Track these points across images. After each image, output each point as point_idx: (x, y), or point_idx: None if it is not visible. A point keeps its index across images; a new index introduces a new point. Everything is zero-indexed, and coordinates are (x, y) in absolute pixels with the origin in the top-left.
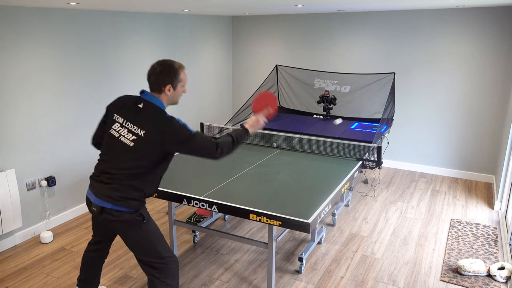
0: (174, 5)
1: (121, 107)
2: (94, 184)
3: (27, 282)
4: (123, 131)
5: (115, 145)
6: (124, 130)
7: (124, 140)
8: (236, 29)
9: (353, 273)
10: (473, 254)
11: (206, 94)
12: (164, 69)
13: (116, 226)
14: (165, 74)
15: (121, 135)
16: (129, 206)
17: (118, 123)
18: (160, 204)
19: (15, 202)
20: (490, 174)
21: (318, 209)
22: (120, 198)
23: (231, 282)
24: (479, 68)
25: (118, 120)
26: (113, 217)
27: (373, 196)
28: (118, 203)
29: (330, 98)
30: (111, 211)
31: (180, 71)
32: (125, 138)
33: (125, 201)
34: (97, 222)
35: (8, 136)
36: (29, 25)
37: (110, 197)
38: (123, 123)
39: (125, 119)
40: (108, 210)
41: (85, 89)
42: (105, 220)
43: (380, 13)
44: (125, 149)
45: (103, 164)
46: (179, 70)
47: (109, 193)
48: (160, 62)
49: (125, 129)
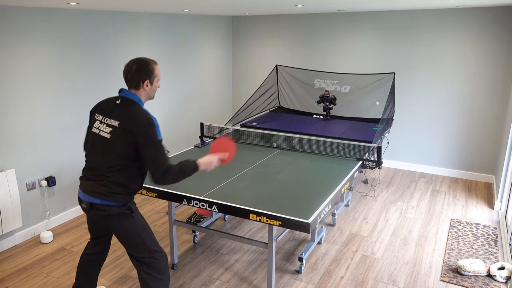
0: (174, 5)
1: (101, 106)
2: (82, 182)
3: (27, 282)
4: (102, 126)
5: (96, 140)
6: (103, 125)
7: (103, 134)
8: (236, 29)
9: (353, 273)
10: (473, 254)
11: (206, 94)
12: (141, 66)
13: (106, 220)
14: (142, 71)
15: (101, 130)
16: (116, 200)
17: (98, 121)
18: (160, 204)
19: (15, 202)
20: (490, 174)
21: (318, 209)
22: (107, 193)
23: (231, 282)
24: (479, 68)
25: (98, 118)
26: (102, 212)
27: (373, 196)
28: (106, 198)
29: (330, 98)
30: (99, 206)
31: (155, 67)
32: (104, 132)
33: (112, 196)
34: (91, 220)
35: (8, 136)
36: (29, 24)
37: (97, 193)
38: (102, 120)
39: (104, 116)
40: (97, 205)
41: (85, 88)
42: (95, 215)
43: (380, 13)
44: (104, 143)
45: (89, 161)
46: (154, 66)
47: (96, 188)
48: (135, 60)
49: (104, 124)
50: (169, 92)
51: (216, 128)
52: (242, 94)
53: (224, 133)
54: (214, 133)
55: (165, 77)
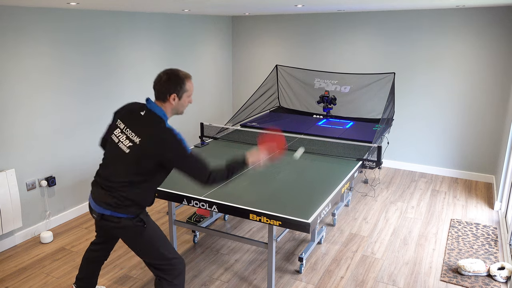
0: (174, 5)
1: (126, 113)
2: (94, 190)
3: (27, 282)
4: (122, 137)
5: (113, 151)
6: (123, 136)
7: (121, 147)
8: (236, 29)
9: (353, 273)
10: (473, 254)
11: (206, 94)
12: (170, 78)
13: (117, 232)
14: (170, 83)
15: (120, 141)
16: (127, 212)
17: (119, 129)
18: (160, 204)
19: (15, 202)
20: (490, 174)
21: (318, 209)
22: (118, 205)
23: (231, 282)
24: (479, 68)
25: (119, 126)
26: (113, 223)
27: (373, 196)
28: (116, 210)
29: (330, 98)
30: (110, 218)
31: (186, 81)
32: (123, 145)
33: (123, 208)
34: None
35: (8, 136)
36: (29, 24)
37: (108, 204)
38: (124, 129)
39: (126, 126)
40: (107, 216)
41: (85, 88)
42: (106, 226)
43: (380, 13)
44: (121, 156)
45: (103, 169)
46: (185, 80)
47: (107, 200)
48: (167, 71)
49: (124, 135)
50: None
51: (216, 128)
52: (242, 94)
53: (222, 133)
54: (214, 133)
55: None
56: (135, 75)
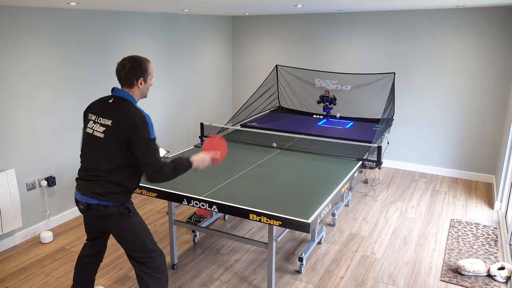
0: (174, 5)
1: (94, 106)
2: (79, 183)
3: (27, 282)
4: (95, 126)
5: (90, 141)
6: (96, 125)
7: (96, 134)
8: (236, 29)
9: (353, 273)
10: (473, 254)
11: (206, 94)
12: (135, 64)
13: (104, 221)
14: (136, 69)
15: (94, 130)
16: (113, 200)
17: (92, 121)
18: (160, 204)
19: (15, 202)
20: (490, 174)
21: (318, 209)
22: (104, 193)
23: (231, 282)
24: (479, 68)
25: (91, 118)
26: (99, 212)
27: (373, 196)
28: (103, 198)
29: (330, 98)
30: (97, 207)
31: (149, 64)
32: (97, 132)
33: (109, 196)
34: (88, 221)
35: (8, 136)
36: (29, 24)
37: (95, 193)
38: (95, 120)
39: (97, 115)
40: (94, 205)
41: (85, 88)
42: (93, 216)
43: (380, 13)
44: (98, 142)
45: (84, 162)
46: (147, 64)
47: (93, 189)
48: (128, 58)
49: (97, 124)
50: (169, 92)
51: (216, 128)
52: (242, 94)
53: (222, 133)
54: (214, 133)
55: (165, 77)
56: None
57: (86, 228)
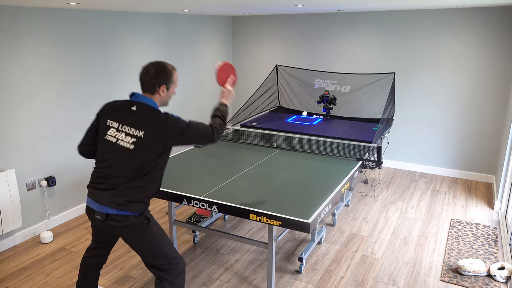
0: (174, 5)
1: (114, 112)
2: (95, 192)
3: (27, 282)
4: (120, 135)
5: (113, 150)
6: (121, 134)
7: (123, 144)
8: (236, 29)
9: (353, 273)
10: (473, 254)
11: (206, 94)
12: (159, 70)
13: (123, 232)
14: (160, 75)
15: (119, 139)
16: (134, 210)
17: (114, 128)
18: (160, 204)
19: (15, 202)
20: (490, 174)
21: (318, 209)
22: (124, 203)
23: (231, 282)
24: (479, 68)
25: (113, 126)
26: (118, 223)
27: (373, 196)
28: (123, 208)
29: (330, 98)
30: (116, 217)
31: (173, 72)
32: (124, 142)
33: (129, 205)
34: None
35: (8, 136)
36: (29, 24)
37: (114, 203)
38: (119, 128)
39: (120, 123)
40: (113, 216)
41: (85, 88)
42: (111, 227)
43: (380, 13)
44: (126, 153)
45: (104, 170)
46: (173, 72)
47: (113, 199)
48: (154, 63)
49: (122, 133)
50: None
51: None
52: (242, 94)
53: (227, 132)
54: None
55: None
56: (135, 75)
57: (94, 233)
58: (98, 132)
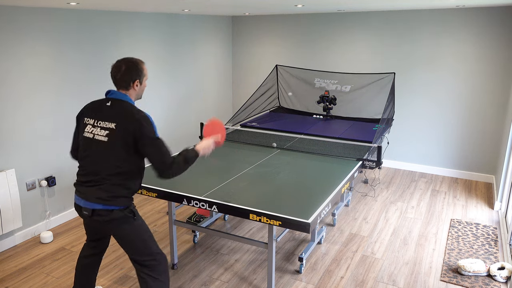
0: (174, 5)
1: (90, 111)
2: (81, 189)
3: (27, 282)
4: (96, 130)
5: (91, 145)
6: (96, 129)
7: (99, 138)
8: (236, 29)
9: (353, 273)
10: (473, 254)
11: (206, 94)
12: (130, 66)
13: (108, 226)
14: (131, 71)
15: (95, 134)
16: (118, 204)
17: (90, 125)
18: (160, 204)
19: (15, 202)
20: (490, 174)
21: (318, 209)
22: (109, 198)
23: (231, 282)
24: (479, 68)
25: (89, 123)
26: (104, 217)
27: (373, 196)
28: (107, 203)
29: (330, 98)
30: (101, 212)
31: (143, 66)
32: (99, 136)
33: (114, 200)
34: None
35: (8, 136)
36: (29, 24)
37: (99, 198)
38: (95, 123)
39: (96, 119)
40: (99, 211)
41: (85, 88)
42: (97, 222)
43: (380, 13)
44: (101, 146)
45: (87, 167)
46: (143, 65)
47: (98, 194)
48: (124, 60)
49: (98, 127)
50: (169, 92)
51: None
52: (242, 94)
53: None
54: None
55: (165, 77)
56: None
57: (86, 230)
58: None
